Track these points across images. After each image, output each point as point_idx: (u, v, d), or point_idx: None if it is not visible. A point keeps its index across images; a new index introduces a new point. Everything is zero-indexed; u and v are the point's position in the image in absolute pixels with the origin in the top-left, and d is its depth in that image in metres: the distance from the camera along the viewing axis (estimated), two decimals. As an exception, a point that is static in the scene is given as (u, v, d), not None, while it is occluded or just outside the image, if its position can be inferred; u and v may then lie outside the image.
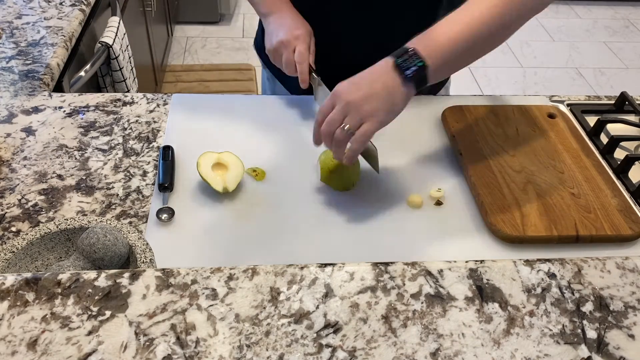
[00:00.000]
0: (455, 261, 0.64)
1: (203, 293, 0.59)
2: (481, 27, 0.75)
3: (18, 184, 0.83)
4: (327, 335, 0.56)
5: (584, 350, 0.57)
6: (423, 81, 0.75)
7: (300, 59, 0.91)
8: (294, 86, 0.97)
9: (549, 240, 0.78)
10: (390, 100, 0.74)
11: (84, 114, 0.99)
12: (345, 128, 0.74)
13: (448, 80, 1.17)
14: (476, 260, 0.65)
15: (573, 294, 0.62)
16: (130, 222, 0.78)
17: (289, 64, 0.92)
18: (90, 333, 0.55)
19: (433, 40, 0.75)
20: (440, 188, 0.86)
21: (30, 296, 0.57)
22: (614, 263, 0.66)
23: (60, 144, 0.91)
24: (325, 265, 0.63)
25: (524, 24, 0.80)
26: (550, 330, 0.58)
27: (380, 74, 0.75)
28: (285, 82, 1.13)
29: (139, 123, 0.97)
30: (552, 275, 0.64)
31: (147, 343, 0.54)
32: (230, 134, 0.97)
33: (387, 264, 0.64)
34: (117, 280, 0.59)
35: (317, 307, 0.59)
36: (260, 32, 1.16)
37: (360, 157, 0.85)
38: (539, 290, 0.62)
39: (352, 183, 0.87)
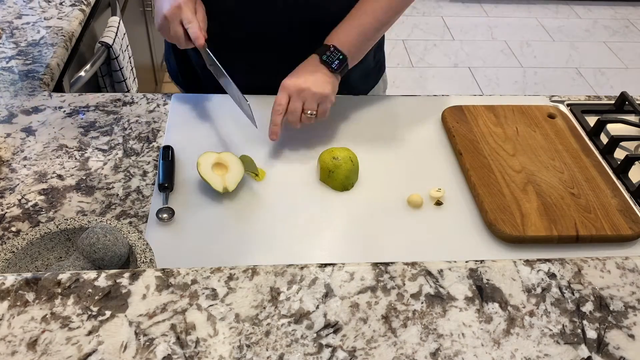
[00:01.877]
0: (455, 261, 0.64)
1: (203, 293, 0.59)
2: (383, 16, 0.93)
3: (18, 184, 0.83)
4: (327, 335, 0.56)
5: (584, 350, 0.57)
6: (345, 69, 0.93)
7: (187, 21, 0.87)
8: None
9: (549, 240, 0.78)
10: (328, 84, 0.90)
11: (84, 114, 0.99)
12: (309, 113, 0.89)
13: (384, 73, 1.23)
14: (476, 260, 0.65)
15: (573, 294, 0.62)
16: (130, 222, 0.78)
17: (178, 36, 0.88)
18: (90, 333, 0.55)
19: (347, 35, 0.92)
20: (440, 188, 0.86)
21: (30, 296, 0.57)
22: (614, 263, 0.66)
23: (60, 144, 0.91)
24: (325, 265, 0.63)
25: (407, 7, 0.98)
26: (550, 330, 0.58)
27: (313, 67, 0.91)
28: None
29: (139, 123, 0.97)
30: (552, 275, 0.64)
31: (147, 343, 0.54)
32: (230, 134, 0.97)
33: (387, 264, 0.64)
34: (117, 280, 0.59)
35: (317, 307, 0.59)
36: (170, 56, 1.18)
37: (350, 160, 0.86)
38: (539, 290, 0.62)
39: (351, 183, 0.87)
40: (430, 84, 2.98)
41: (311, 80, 0.89)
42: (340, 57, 0.91)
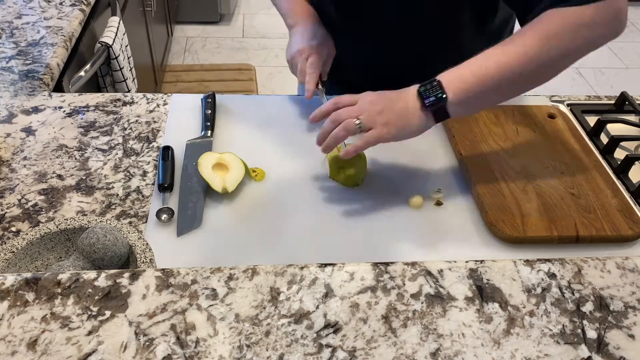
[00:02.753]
0: (455, 261, 0.64)
1: (203, 293, 0.59)
2: (512, 67, 0.74)
3: (18, 184, 0.83)
4: (327, 335, 0.56)
5: (584, 350, 0.57)
6: (442, 112, 0.77)
7: (311, 69, 0.93)
8: None
9: (549, 241, 0.78)
10: (406, 119, 0.77)
11: (84, 114, 0.99)
12: (357, 122, 0.77)
13: None
14: (476, 260, 0.65)
15: (573, 294, 0.62)
16: (130, 222, 0.78)
17: (301, 73, 0.94)
18: (90, 333, 0.55)
19: (460, 75, 0.76)
20: (440, 188, 0.86)
21: (30, 296, 0.57)
22: (614, 263, 0.66)
23: (60, 144, 0.91)
24: (325, 265, 0.63)
25: (570, 64, 0.77)
26: (550, 330, 0.58)
27: (404, 95, 0.78)
28: None
29: (139, 123, 0.97)
30: (552, 275, 0.64)
31: (147, 343, 0.54)
32: (230, 134, 0.97)
33: (387, 264, 0.64)
34: (117, 280, 0.59)
35: (317, 307, 0.59)
36: None
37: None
38: (539, 290, 0.62)
39: (362, 178, 0.87)
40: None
41: (388, 103, 0.78)
42: (439, 94, 0.75)
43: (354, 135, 0.78)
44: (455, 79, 0.76)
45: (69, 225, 0.72)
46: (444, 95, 0.75)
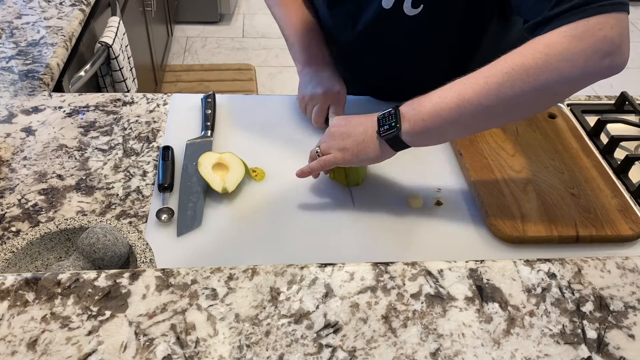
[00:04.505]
0: (455, 261, 0.64)
1: (203, 293, 0.59)
2: (471, 100, 0.68)
3: (18, 184, 0.83)
4: (327, 335, 0.56)
5: (584, 350, 0.57)
6: (398, 142, 0.74)
7: (334, 113, 0.94)
8: None
9: (549, 241, 0.78)
10: (362, 146, 0.77)
11: (83, 114, 0.99)
12: (316, 150, 0.82)
13: None
14: (476, 260, 0.65)
15: (573, 294, 0.62)
16: (130, 222, 0.78)
17: (318, 117, 0.95)
18: (90, 333, 0.55)
19: (419, 105, 0.72)
20: (440, 188, 0.86)
21: (30, 296, 0.57)
22: (614, 263, 0.65)
23: (60, 144, 0.91)
24: (325, 265, 0.63)
25: (548, 101, 0.69)
26: (550, 330, 0.58)
27: (366, 122, 0.78)
28: None
29: (139, 123, 0.97)
30: (552, 275, 0.64)
31: (147, 343, 0.54)
32: (230, 134, 0.97)
33: (387, 264, 0.64)
34: (117, 280, 0.59)
35: (317, 307, 0.59)
36: None
37: None
38: (539, 290, 0.62)
39: (361, 178, 0.87)
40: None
41: (348, 129, 0.79)
42: (393, 124, 0.73)
43: (315, 160, 0.82)
44: (413, 110, 0.72)
45: (69, 225, 0.72)
46: (398, 125, 0.72)
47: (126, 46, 1.60)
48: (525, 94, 0.66)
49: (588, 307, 0.61)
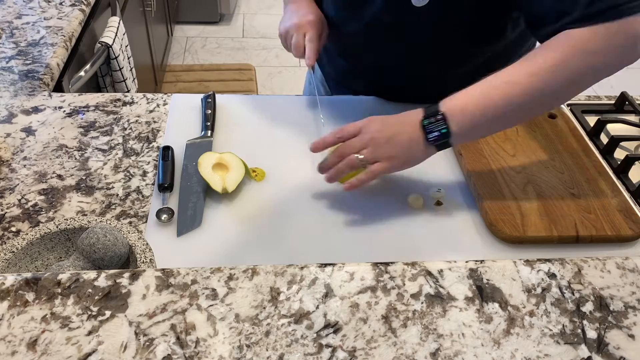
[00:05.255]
0: (455, 261, 0.64)
1: (203, 293, 0.59)
2: (519, 98, 0.72)
3: (18, 184, 0.83)
4: (327, 335, 0.56)
5: (584, 350, 0.57)
6: (445, 145, 0.76)
7: (310, 43, 0.93)
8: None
9: (549, 241, 0.78)
10: (409, 153, 0.77)
11: (83, 114, 0.99)
12: (360, 158, 0.76)
13: None
14: (476, 260, 0.65)
15: (573, 294, 0.62)
16: (130, 222, 0.78)
17: (297, 47, 0.94)
18: (90, 333, 0.55)
19: (464, 106, 0.74)
20: (440, 188, 0.86)
21: (30, 296, 0.57)
22: (614, 263, 0.65)
23: (60, 144, 0.91)
24: (325, 265, 0.63)
25: (579, 92, 0.75)
26: (550, 330, 0.58)
27: (408, 126, 0.76)
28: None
29: (139, 123, 0.97)
30: (552, 275, 0.64)
31: (147, 343, 0.54)
32: (230, 134, 0.97)
33: (387, 264, 0.64)
34: (117, 280, 0.59)
35: (317, 307, 0.59)
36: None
37: None
38: (539, 290, 0.62)
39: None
40: (430, 84, 2.98)
41: (392, 135, 0.76)
42: (444, 130, 0.74)
43: (363, 173, 0.78)
44: (458, 111, 0.74)
45: (69, 225, 0.72)
46: (448, 131, 0.74)
47: (126, 46, 1.60)
48: (565, 88, 0.73)
49: (588, 307, 0.61)
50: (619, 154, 0.94)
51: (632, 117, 1.02)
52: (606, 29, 0.70)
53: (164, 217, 0.79)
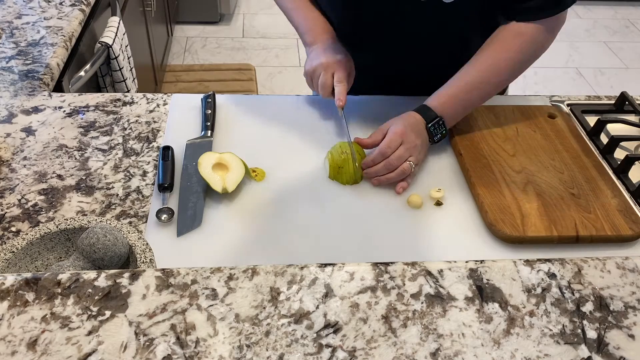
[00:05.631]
0: (455, 261, 0.64)
1: (203, 293, 0.59)
2: (489, 82, 0.90)
3: (18, 184, 0.83)
4: (327, 335, 0.56)
5: (584, 350, 0.57)
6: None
7: (340, 84, 0.95)
8: None
9: (549, 241, 0.78)
10: (425, 149, 0.91)
11: (83, 114, 0.99)
12: (413, 166, 0.87)
13: None
14: (476, 260, 0.65)
15: (573, 294, 0.62)
16: (130, 222, 0.78)
17: (325, 86, 0.95)
18: (90, 333, 0.55)
19: (452, 104, 0.91)
20: (440, 188, 0.86)
21: (30, 296, 0.57)
22: (614, 263, 0.65)
23: (60, 144, 0.91)
24: (325, 265, 0.63)
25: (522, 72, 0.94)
26: (550, 330, 0.58)
27: (420, 130, 0.89)
28: None
29: (139, 123, 0.97)
30: (552, 275, 0.64)
31: (147, 343, 0.54)
32: (230, 134, 0.97)
33: (387, 264, 0.64)
34: (117, 280, 0.59)
35: (317, 307, 0.59)
36: None
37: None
38: (539, 290, 0.62)
39: (360, 176, 0.88)
40: (430, 84, 2.98)
41: (420, 140, 0.88)
42: (444, 132, 0.91)
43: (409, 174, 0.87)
44: (451, 113, 0.91)
45: (69, 225, 0.72)
46: (446, 131, 0.91)
47: (126, 46, 1.60)
48: (516, 71, 0.93)
49: (588, 307, 0.61)
50: (619, 154, 0.94)
51: (632, 117, 1.02)
52: (548, 23, 0.89)
53: (164, 217, 0.79)
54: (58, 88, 1.13)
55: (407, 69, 1.06)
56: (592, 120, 1.02)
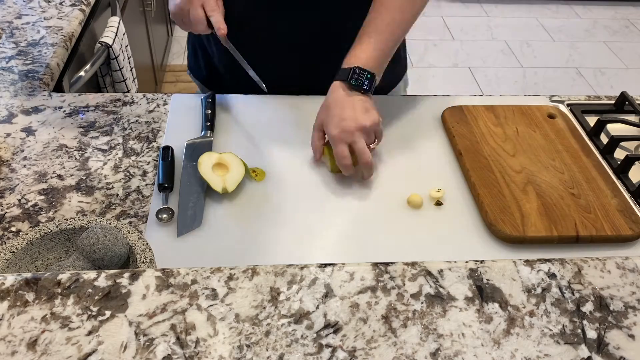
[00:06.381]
0: (455, 261, 0.64)
1: (203, 293, 0.59)
2: (397, 29, 0.90)
3: (18, 184, 0.83)
4: (327, 335, 0.56)
5: (584, 350, 0.57)
6: (374, 86, 0.88)
7: (210, 9, 0.89)
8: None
9: (549, 241, 0.78)
10: (370, 107, 0.86)
11: (83, 114, 0.99)
12: (373, 147, 0.87)
13: (405, 72, 1.22)
14: (476, 260, 0.65)
15: (573, 294, 0.62)
16: (130, 222, 0.78)
17: (198, 21, 0.89)
18: (90, 333, 0.55)
19: (366, 52, 0.87)
20: (440, 188, 0.86)
21: (30, 296, 0.57)
22: (614, 263, 0.66)
23: (60, 144, 0.91)
24: (325, 265, 0.63)
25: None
26: (550, 330, 0.58)
27: (346, 97, 0.86)
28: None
29: (139, 123, 0.97)
30: (552, 275, 0.64)
31: (147, 343, 0.54)
32: (230, 134, 0.97)
33: (387, 264, 0.64)
34: (117, 280, 0.59)
35: (317, 307, 0.59)
36: (192, 53, 1.17)
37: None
38: (539, 290, 0.62)
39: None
40: (430, 84, 2.98)
41: (355, 114, 0.84)
42: (369, 75, 0.86)
43: (366, 156, 0.85)
44: (366, 58, 0.87)
45: (69, 225, 0.72)
46: (372, 73, 0.87)
47: (126, 46, 1.60)
48: (416, 14, 0.93)
49: (588, 307, 0.61)
50: (619, 154, 0.94)
51: (632, 117, 1.02)
52: None
53: (164, 217, 0.79)
54: (58, 88, 1.13)
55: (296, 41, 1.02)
56: (592, 120, 1.02)
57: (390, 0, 0.90)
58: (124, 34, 1.58)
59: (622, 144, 0.96)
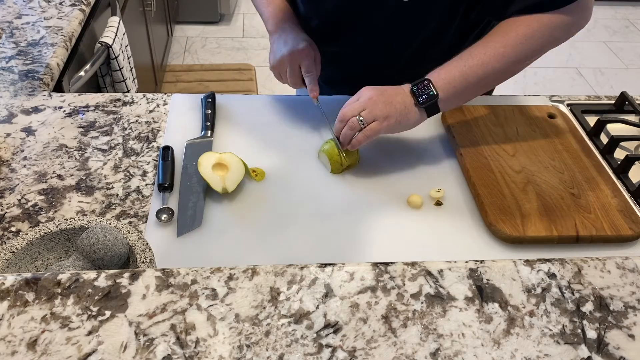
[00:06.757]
0: (455, 261, 0.64)
1: (203, 293, 0.59)
2: (493, 65, 0.83)
3: (18, 184, 0.83)
4: (327, 335, 0.56)
5: (584, 350, 0.57)
6: (434, 108, 0.84)
7: (309, 74, 0.94)
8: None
9: (549, 241, 0.78)
10: (403, 114, 0.83)
11: (83, 114, 0.99)
12: (359, 118, 0.83)
13: None
14: (476, 260, 0.65)
15: (573, 294, 0.62)
16: (130, 222, 0.78)
17: (295, 80, 0.94)
18: (90, 333, 0.55)
19: (447, 73, 0.84)
20: (440, 188, 0.86)
21: (30, 296, 0.57)
22: (614, 263, 0.65)
23: (60, 144, 0.91)
24: (325, 265, 0.63)
25: (538, 57, 0.87)
26: (550, 330, 0.58)
27: (400, 93, 0.84)
28: None
29: (139, 123, 0.97)
30: (552, 275, 0.64)
31: (147, 343, 0.54)
32: (230, 134, 0.97)
33: (387, 264, 0.64)
34: (117, 280, 0.59)
35: (317, 307, 0.59)
36: None
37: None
38: (539, 290, 0.62)
39: (356, 159, 0.90)
40: (430, 84, 2.98)
41: (387, 98, 0.83)
42: (431, 93, 0.83)
43: (359, 130, 0.84)
44: (444, 78, 0.83)
45: (69, 225, 0.72)
46: (436, 93, 0.83)
47: (126, 46, 1.60)
48: (531, 56, 0.85)
49: (588, 307, 0.61)
50: (619, 154, 0.94)
51: (632, 117, 1.02)
52: (569, 9, 0.85)
53: (164, 217, 0.79)
54: (58, 88, 1.13)
55: (373, 62, 1.03)
56: (592, 120, 1.02)
57: (503, 34, 0.85)
58: (124, 34, 1.58)
59: (622, 144, 0.96)
